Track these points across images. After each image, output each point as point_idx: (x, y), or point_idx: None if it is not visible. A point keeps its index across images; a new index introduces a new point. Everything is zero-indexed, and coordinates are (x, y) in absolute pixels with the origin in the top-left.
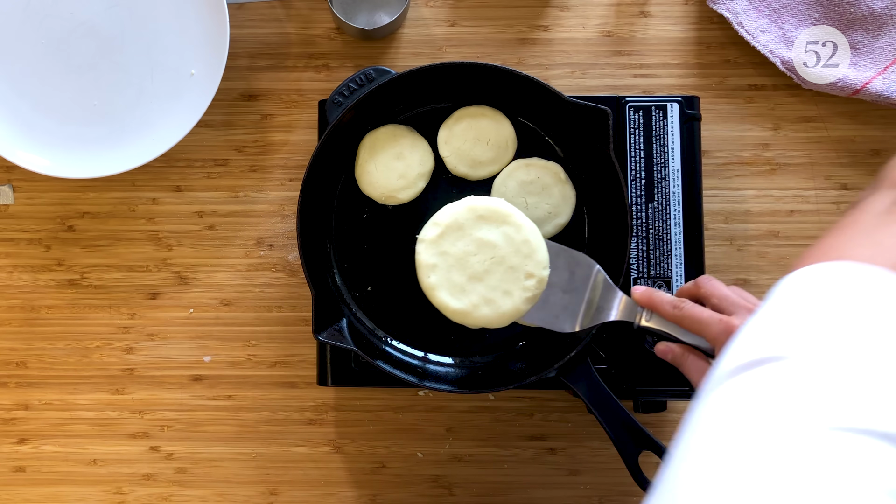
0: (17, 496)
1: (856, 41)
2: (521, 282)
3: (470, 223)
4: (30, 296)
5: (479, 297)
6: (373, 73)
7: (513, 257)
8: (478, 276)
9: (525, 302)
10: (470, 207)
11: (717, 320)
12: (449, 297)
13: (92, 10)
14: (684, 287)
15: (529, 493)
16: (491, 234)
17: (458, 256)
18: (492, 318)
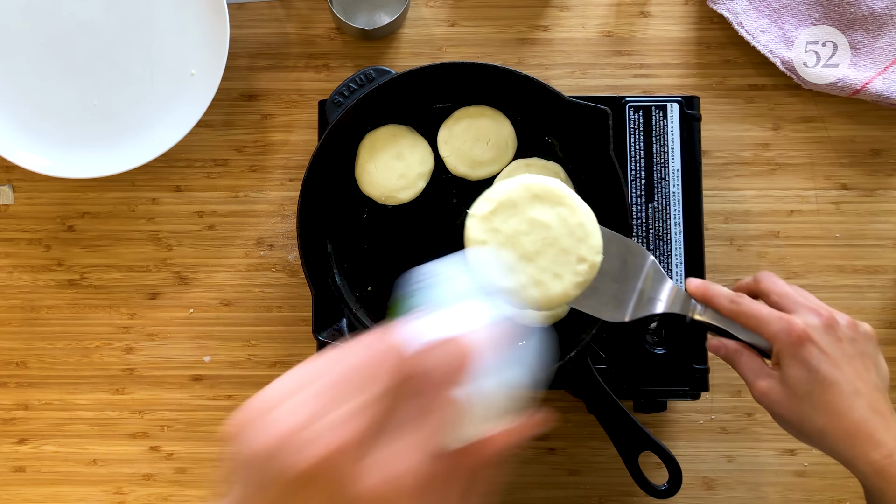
0: (17, 496)
1: (856, 41)
2: (573, 265)
3: (524, 201)
4: (30, 296)
5: (529, 278)
6: (373, 73)
7: (566, 239)
8: (528, 256)
9: (575, 287)
10: (525, 185)
11: (776, 317)
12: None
13: (92, 10)
14: (742, 282)
15: (529, 493)
16: (545, 214)
17: (509, 234)
18: (539, 301)
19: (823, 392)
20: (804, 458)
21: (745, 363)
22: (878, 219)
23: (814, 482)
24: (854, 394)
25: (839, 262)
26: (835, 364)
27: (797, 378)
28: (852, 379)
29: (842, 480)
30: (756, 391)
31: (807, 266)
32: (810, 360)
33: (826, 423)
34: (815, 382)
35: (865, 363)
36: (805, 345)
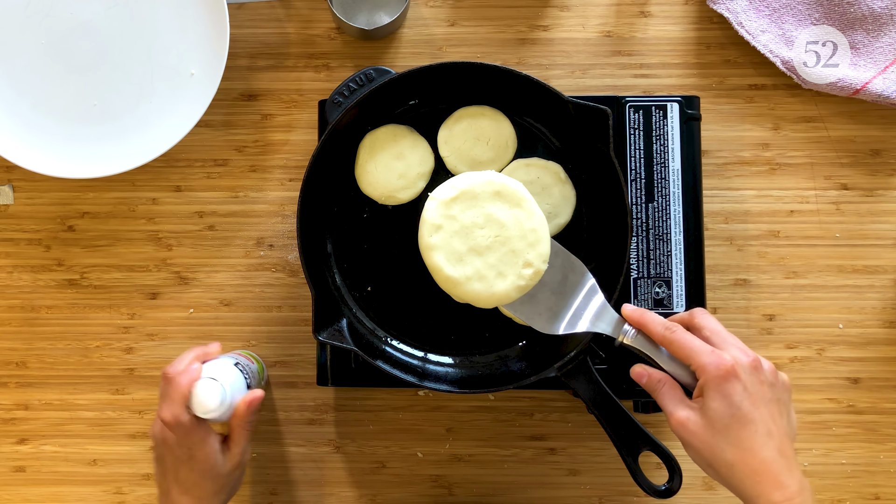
0: (17, 496)
1: (856, 41)
2: (519, 268)
3: (485, 195)
4: (30, 296)
5: (474, 271)
6: (373, 73)
7: (517, 241)
8: (478, 250)
9: (516, 289)
10: (489, 180)
11: (708, 350)
12: (445, 261)
13: (92, 10)
14: (678, 315)
15: (529, 493)
16: (502, 212)
17: (464, 224)
18: (480, 296)
19: (740, 428)
20: (804, 458)
21: (666, 392)
22: (878, 219)
23: (814, 482)
24: (767, 435)
25: (839, 262)
26: (754, 404)
27: (718, 411)
28: (767, 421)
29: (842, 480)
30: (675, 420)
31: (807, 266)
32: (733, 396)
33: (736, 459)
34: (733, 418)
35: (780, 409)
36: (731, 380)
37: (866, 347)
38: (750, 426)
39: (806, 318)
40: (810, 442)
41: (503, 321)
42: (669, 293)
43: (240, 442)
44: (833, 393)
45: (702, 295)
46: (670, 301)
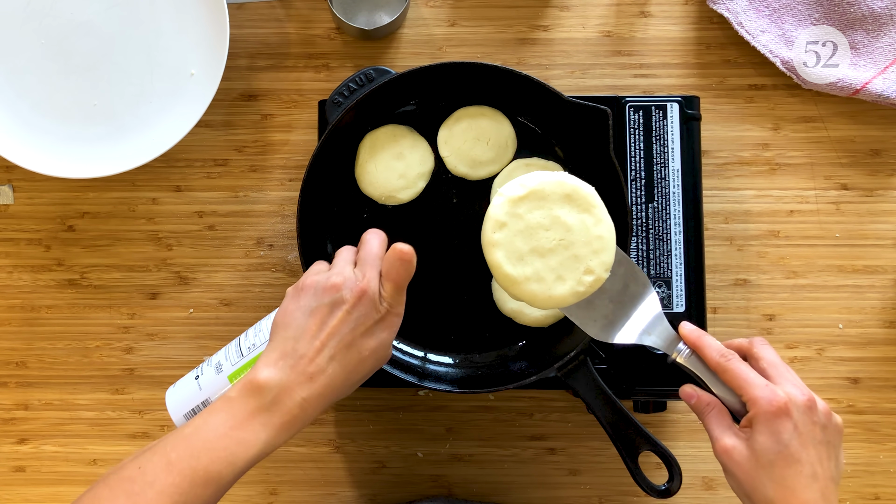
0: (17, 496)
1: (856, 41)
2: (580, 274)
3: (555, 197)
4: (30, 296)
5: (534, 272)
6: (373, 73)
7: (581, 247)
8: (540, 252)
9: (574, 295)
10: (560, 182)
11: (763, 383)
12: (505, 259)
13: (92, 10)
14: (736, 341)
15: (529, 493)
16: (570, 216)
17: (529, 224)
18: (537, 298)
19: (785, 467)
20: None
21: (714, 417)
22: (878, 219)
23: None
24: (811, 476)
25: (839, 262)
26: (803, 444)
27: (765, 446)
28: (814, 462)
29: (842, 480)
30: (720, 446)
31: (807, 266)
32: (783, 433)
33: (777, 497)
34: (780, 455)
35: (829, 452)
36: (782, 417)
37: (866, 347)
38: (795, 466)
39: (806, 318)
40: None
41: (503, 321)
42: (669, 293)
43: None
44: (833, 393)
45: (702, 295)
46: (670, 301)
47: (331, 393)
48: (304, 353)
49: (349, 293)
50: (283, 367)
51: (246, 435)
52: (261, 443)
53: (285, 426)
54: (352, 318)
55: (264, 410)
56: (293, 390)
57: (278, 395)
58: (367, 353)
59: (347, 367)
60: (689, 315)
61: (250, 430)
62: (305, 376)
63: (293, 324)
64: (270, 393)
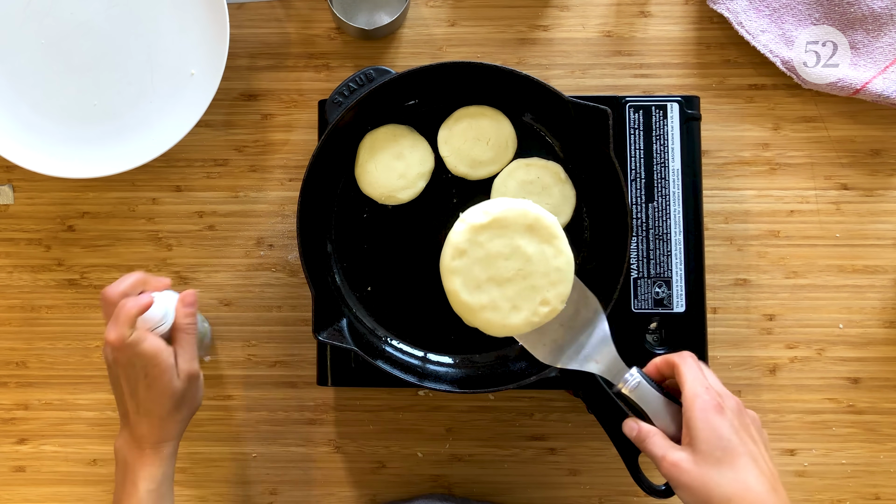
0: (17, 496)
1: (856, 41)
2: (535, 304)
3: (517, 226)
4: (30, 296)
5: (490, 300)
6: (373, 73)
7: (539, 278)
8: (498, 281)
9: (528, 325)
10: (524, 211)
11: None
12: (462, 286)
13: (92, 10)
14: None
15: (529, 493)
16: (531, 246)
17: (489, 253)
18: (492, 326)
19: (733, 461)
20: (804, 458)
21: (657, 442)
22: (878, 219)
23: (814, 482)
24: (759, 470)
25: (839, 262)
26: (742, 440)
27: (709, 443)
28: (757, 457)
29: (842, 480)
30: (667, 462)
31: (807, 266)
32: (721, 428)
33: (734, 492)
34: (725, 451)
35: (765, 451)
36: (719, 412)
37: (866, 347)
38: (742, 459)
39: (806, 318)
40: (810, 442)
41: None
42: (669, 293)
43: (186, 348)
44: (833, 393)
45: (702, 295)
46: (670, 301)
47: (161, 425)
48: (123, 413)
49: (111, 361)
50: (122, 427)
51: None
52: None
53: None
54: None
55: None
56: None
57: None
58: (156, 399)
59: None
60: (689, 315)
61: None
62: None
63: (113, 389)
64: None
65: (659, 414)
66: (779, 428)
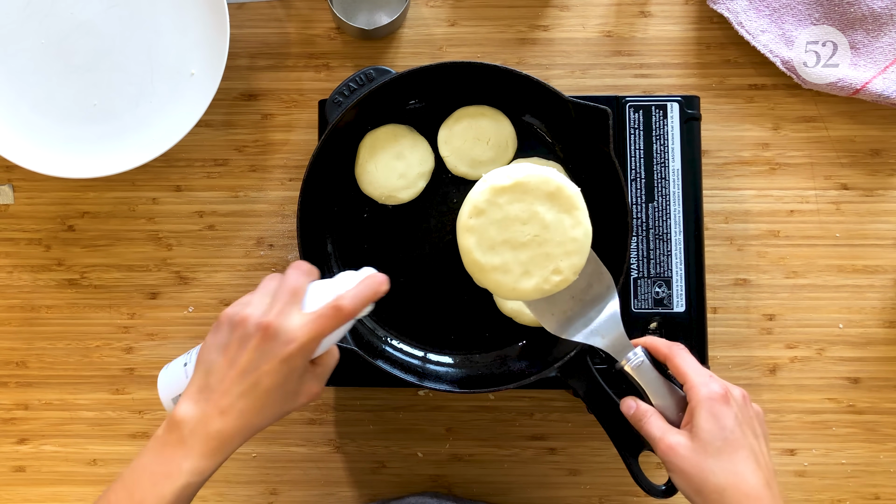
0: (17, 496)
1: (856, 41)
2: (548, 273)
3: (538, 192)
4: (30, 296)
5: (502, 262)
6: (373, 73)
7: (554, 246)
8: (511, 244)
9: (538, 291)
10: (546, 178)
11: (705, 372)
12: (476, 246)
13: (92, 10)
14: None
15: (529, 493)
16: (549, 213)
17: (507, 215)
18: (501, 287)
19: (732, 452)
20: (804, 458)
21: (654, 422)
22: (878, 219)
23: (814, 482)
24: (756, 464)
25: (839, 262)
26: (744, 432)
27: (710, 433)
28: (756, 451)
29: (842, 480)
30: (664, 444)
31: (807, 266)
32: (725, 419)
33: (728, 483)
34: (726, 441)
35: (765, 445)
36: (724, 404)
37: (866, 347)
38: (741, 451)
39: (806, 318)
40: (810, 442)
41: (503, 321)
42: (669, 293)
43: (328, 370)
44: (833, 393)
45: (702, 295)
46: (670, 301)
47: (245, 426)
48: (216, 388)
49: (254, 328)
50: (198, 400)
51: (169, 468)
52: (185, 474)
53: (206, 456)
54: (257, 354)
55: (183, 443)
56: (208, 423)
57: (195, 429)
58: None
59: (257, 403)
60: (689, 315)
61: (173, 463)
62: (218, 410)
63: (208, 359)
64: (187, 426)
65: (659, 395)
66: (779, 428)
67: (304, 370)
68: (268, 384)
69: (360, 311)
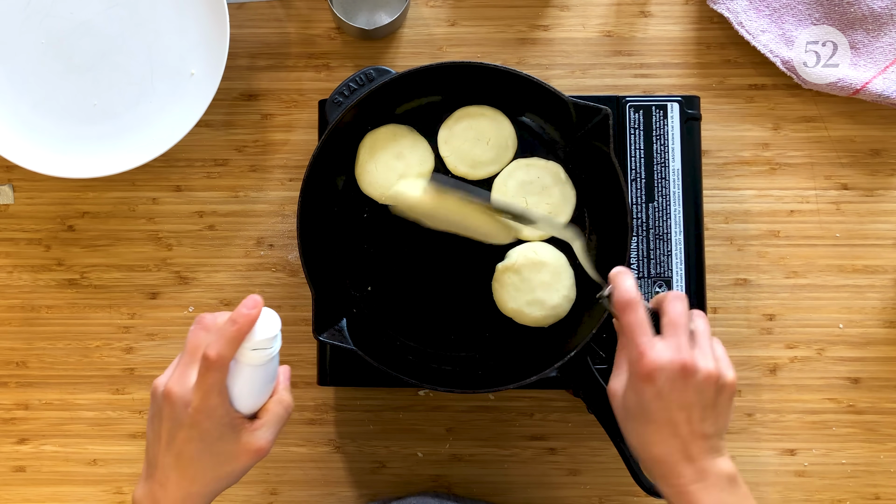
0: (17, 496)
1: (856, 41)
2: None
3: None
4: (30, 296)
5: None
6: (373, 73)
7: None
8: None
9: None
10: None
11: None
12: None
13: (92, 10)
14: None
15: (529, 493)
16: None
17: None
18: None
19: (644, 423)
20: (804, 458)
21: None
22: (878, 219)
23: (814, 482)
24: (670, 435)
25: (839, 262)
26: (665, 407)
27: (629, 401)
28: (678, 423)
29: (842, 480)
30: (609, 386)
31: (807, 266)
32: (644, 395)
33: (636, 446)
34: (640, 413)
35: (704, 413)
36: (646, 382)
37: (866, 347)
38: (652, 425)
39: (806, 318)
40: (810, 442)
41: (503, 321)
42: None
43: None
44: (833, 393)
45: (702, 295)
46: None
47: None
48: (153, 462)
49: (161, 398)
50: (146, 478)
51: None
52: None
53: None
54: (170, 424)
55: None
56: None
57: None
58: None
59: (187, 472)
60: None
61: None
62: (159, 484)
63: (147, 433)
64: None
65: None
66: (779, 428)
67: (230, 429)
68: (190, 452)
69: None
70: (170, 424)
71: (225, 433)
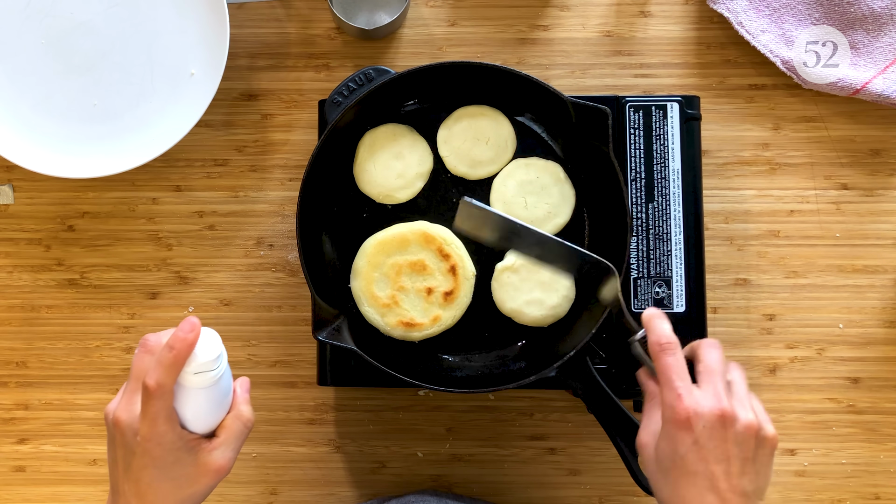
0: (17, 496)
1: (856, 41)
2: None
3: None
4: (30, 296)
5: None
6: (372, 73)
7: None
8: None
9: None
10: None
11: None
12: None
13: (92, 10)
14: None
15: (529, 493)
16: None
17: None
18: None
19: (679, 477)
20: (804, 458)
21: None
22: (878, 219)
23: (814, 482)
24: (708, 490)
25: (839, 262)
26: (703, 459)
27: (664, 452)
28: (717, 477)
29: (842, 480)
30: (638, 438)
31: (807, 266)
32: (679, 446)
33: (670, 501)
34: (674, 465)
35: (744, 468)
36: (682, 430)
37: (866, 347)
38: (689, 478)
39: (806, 318)
40: (810, 442)
41: (503, 321)
42: (669, 293)
43: (233, 439)
44: (833, 393)
45: (702, 295)
46: (670, 301)
47: None
48: (115, 488)
49: (112, 426)
50: (111, 503)
51: None
52: None
53: None
54: (123, 451)
55: None
56: None
57: None
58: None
59: (147, 497)
60: (689, 315)
61: None
62: None
63: (108, 458)
64: None
65: None
66: (779, 428)
67: (185, 452)
68: (147, 479)
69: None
70: (123, 451)
71: (180, 457)
